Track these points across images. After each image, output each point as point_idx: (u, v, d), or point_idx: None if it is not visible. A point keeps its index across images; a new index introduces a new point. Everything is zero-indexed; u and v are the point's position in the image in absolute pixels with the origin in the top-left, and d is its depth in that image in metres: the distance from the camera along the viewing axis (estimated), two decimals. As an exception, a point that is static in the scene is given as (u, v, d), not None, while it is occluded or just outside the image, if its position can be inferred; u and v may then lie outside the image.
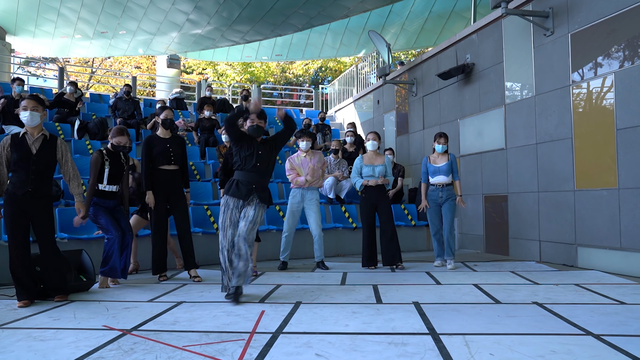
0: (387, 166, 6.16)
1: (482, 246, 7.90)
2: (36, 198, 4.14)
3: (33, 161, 4.12)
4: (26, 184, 4.09)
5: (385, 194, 6.16)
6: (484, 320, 3.39)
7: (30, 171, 4.11)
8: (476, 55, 8.10)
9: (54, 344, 2.95)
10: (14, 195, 4.08)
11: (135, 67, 26.98)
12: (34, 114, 4.16)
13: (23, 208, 4.11)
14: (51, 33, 15.37)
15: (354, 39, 17.78)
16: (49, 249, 4.28)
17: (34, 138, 4.18)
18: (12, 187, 4.10)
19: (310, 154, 6.17)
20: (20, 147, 4.13)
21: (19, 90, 8.39)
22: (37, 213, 4.16)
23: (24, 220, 4.14)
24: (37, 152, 4.16)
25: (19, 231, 4.11)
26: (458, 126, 8.52)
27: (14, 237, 4.10)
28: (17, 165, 4.11)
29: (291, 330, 3.20)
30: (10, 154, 4.13)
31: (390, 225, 6.06)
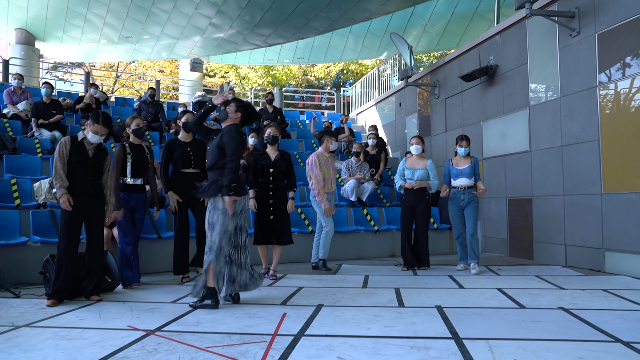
0: (429, 170, 6.19)
1: (506, 250, 7.79)
2: (93, 198, 4.37)
3: (89, 164, 4.37)
4: (85, 185, 4.31)
5: (424, 198, 6.20)
6: (508, 325, 3.34)
7: (87, 173, 4.34)
8: (499, 57, 8.00)
9: (80, 343, 3.00)
10: (73, 196, 4.26)
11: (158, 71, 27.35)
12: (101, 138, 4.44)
13: (81, 207, 4.29)
14: (78, 38, 15.69)
15: (376, 42, 17.72)
16: (97, 249, 4.46)
17: (91, 145, 4.43)
18: (72, 188, 4.28)
19: (331, 156, 6.22)
20: (80, 150, 4.35)
21: (45, 93, 8.57)
22: (92, 212, 4.39)
23: (79, 219, 4.33)
24: (93, 157, 4.41)
25: (74, 230, 4.29)
26: (481, 128, 8.42)
27: (69, 236, 4.25)
28: (75, 166, 4.31)
29: (313, 332, 3.20)
30: (69, 156, 4.31)
31: (422, 230, 6.19)
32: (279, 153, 5.71)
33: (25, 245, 5.39)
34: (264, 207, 5.57)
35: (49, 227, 5.74)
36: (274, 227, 5.57)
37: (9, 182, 6.35)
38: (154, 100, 10.44)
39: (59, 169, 4.27)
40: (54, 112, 8.46)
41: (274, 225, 5.57)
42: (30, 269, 5.13)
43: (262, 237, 5.60)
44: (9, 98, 8.95)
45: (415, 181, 6.14)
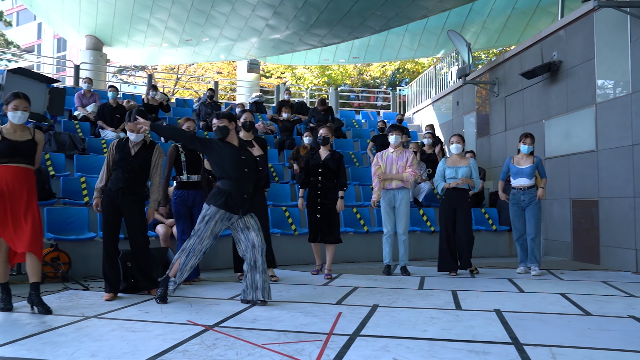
0: (472, 169, 5.92)
1: (570, 254, 7.46)
2: (128, 195, 4.46)
3: (129, 162, 4.48)
4: (121, 181, 4.44)
5: (466, 198, 5.93)
6: (572, 333, 3.20)
7: (126, 170, 4.46)
8: (564, 52, 7.68)
9: (144, 335, 3.12)
10: (109, 191, 4.45)
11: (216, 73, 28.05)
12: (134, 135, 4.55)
13: (116, 204, 4.45)
14: (142, 43, 16.35)
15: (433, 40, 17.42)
16: (139, 245, 4.58)
17: (135, 142, 4.56)
18: (109, 184, 4.47)
19: (398, 151, 5.98)
20: (123, 149, 4.53)
21: (111, 96, 8.98)
22: (128, 209, 4.49)
23: (116, 215, 4.48)
24: (135, 155, 4.52)
25: (111, 226, 4.45)
26: (543, 127, 8.11)
27: (107, 232, 4.45)
28: (117, 164, 4.50)
29: (368, 333, 3.19)
30: (114, 156, 4.53)
31: (465, 232, 5.86)
32: (330, 153, 5.72)
33: (93, 240, 5.67)
34: (312, 206, 5.62)
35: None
36: (321, 226, 5.61)
37: (79, 180, 6.70)
38: (213, 101, 10.71)
39: (101, 172, 4.55)
40: (118, 116, 8.85)
41: (320, 224, 5.61)
42: (97, 263, 5.34)
43: (312, 235, 5.70)
44: (79, 101, 9.43)
45: (461, 178, 5.84)
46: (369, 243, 7.16)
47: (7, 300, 3.86)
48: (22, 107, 3.94)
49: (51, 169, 6.94)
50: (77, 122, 8.97)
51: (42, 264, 4.97)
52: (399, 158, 5.92)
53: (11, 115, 3.92)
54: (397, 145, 5.96)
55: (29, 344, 2.93)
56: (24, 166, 3.91)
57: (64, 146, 7.70)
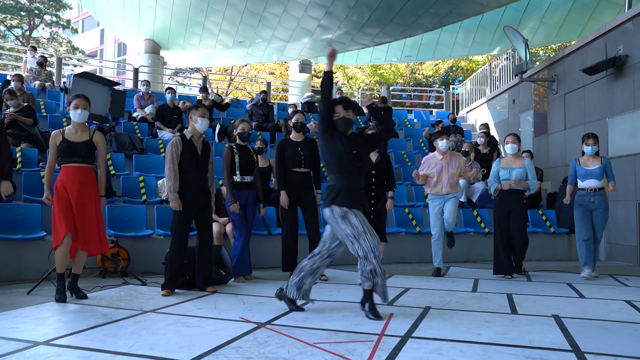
0: (528, 169, 5.71)
1: (636, 259, 7.08)
2: (204, 194, 4.63)
3: (200, 161, 4.61)
4: (197, 182, 4.58)
5: (520, 199, 5.73)
6: (639, 343, 3.03)
7: (199, 170, 4.59)
8: (630, 46, 7.29)
9: (198, 330, 3.20)
10: (190, 193, 4.55)
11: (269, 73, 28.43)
12: (206, 121, 4.65)
13: (192, 204, 4.57)
14: (197, 45, 16.80)
15: (488, 36, 16.96)
16: (209, 242, 4.73)
17: (198, 141, 4.67)
18: (187, 186, 4.55)
19: (448, 157, 5.88)
20: (190, 148, 4.60)
21: (170, 98, 9.27)
22: (203, 209, 4.65)
23: (191, 216, 4.63)
24: (202, 154, 4.65)
25: (185, 226, 4.59)
26: (606, 125, 7.74)
27: (181, 230, 4.56)
28: (188, 165, 4.56)
29: (420, 335, 3.14)
30: (182, 155, 4.56)
31: (520, 234, 5.70)
32: (380, 155, 5.73)
33: (151, 237, 5.87)
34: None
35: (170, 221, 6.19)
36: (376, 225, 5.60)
37: (137, 179, 6.95)
38: (265, 102, 10.86)
39: (171, 171, 4.48)
40: (175, 117, 9.12)
41: (376, 224, 5.59)
42: (154, 259, 5.58)
43: None
44: (138, 102, 9.80)
45: (513, 179, 5.64)
46: (420, 244, 7.06)
47: (62, 291, 4.06)
48: (82, 105, 4.18)
49: (112, 169, 7.23)
50: (135, 123, 9.31)
51: (104, 259, 5.24)
52: (449, 165, 5.84)
53: (72, 114, 4.17)
54: (445, 151, 5.87)
55: (92, 334, 3.07)
56: (82, 165, 4.13)
57: (124, 146, 8.02)
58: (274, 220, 6.74)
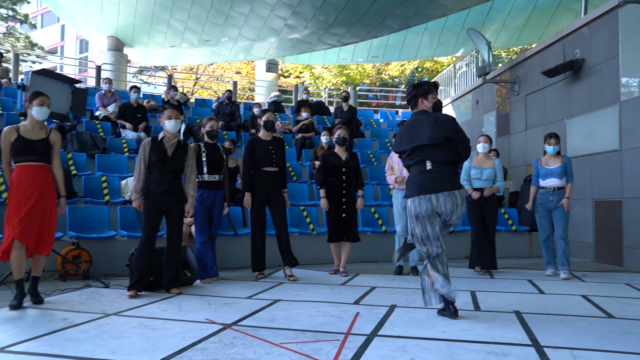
0: (497, 170, 5.91)
1: (592, 255, 7.33)
2: (172, 196, 4.56)
3: (169, 163, 4.55)
4: (164, 183, 4.52)
5: (492, 197, 5.96)
6: (594, 335, 3.15)
7: (166, 172, 4.54)
8: (587, 50, 7.55)
9: (163, 333, 3.15)
10: (152, 194, 4.52)
11: (235, 73, 28.22)
12: (177, 122, 4.63)
13: (160, 206, 4.53)
14: (162, 43, 16.54)
15: (452, 38, 17.28)
16: (179, 243, 4.69)
17: (170, 143, 4.62)
18: (151, 187, 4.53)
19: None
20: (159, 149, 4.56)
21: (135, 97, 9.10)
22: (172, 210, 4.59)
23: (159, 217, 4.58)
24: (172, 155, 4.59)
25: (153, 227, 4.54)
26: (565, 126, 7.98)
27: (147, 231, 4.51)
28: (154, 166, 4.54)
29: (386, 333, 3.18)
30: (150, 156, 4.55)
31: (492, 231, 5.96)
32: (349, 154, 5.79)
33: (114, 239, 5.75)
34: (336, 206, 5.67)
35: (135, 222, 6.08)
36: (347, 225, 5.68)
37: (100, 179, 6.80)
38: (231, 101, 10.78)
39: (135, 172, 4.56)
40: (139, 116, 8.95)
41: (346, 223, 5.67)
42: (118, 261, 5.47)
43: (334, 235, 5.72)
44: (100, 101, 9.57)
45: (485, 189, 5.86)
46: (386, 243, 7.12)
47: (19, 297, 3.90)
48: (47, 103, 4.09)
49: (73, 168, 7.05)
50: (98, 122, 9.10)
51: (64, 262, 5.10)
52: None
53: (37, 111, 4.04)
54: None
55: (51, 340, 2.99)
56: (39, 164, 4.01)
57: (86, 146, 7.83)
58: (240, 221, 6.70)
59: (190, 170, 4.74)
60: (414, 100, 3.74)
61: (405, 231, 5.96)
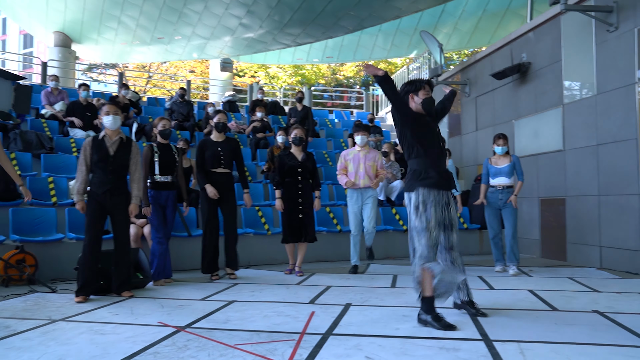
0: (449, 168, 6.02)
1: (538, 251, 7.63)
2: (115, 195, 4.41)
3: (110, 162, 4.40)
4: (106, 183, 4.36)
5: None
6: (540, 328, 3.27)
7: (108, 171, 4.39)
8: (532, 54, 7.84)
9: (114, 338, 3.07)
10: (94, 194, 4.37)
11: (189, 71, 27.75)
12: (116, 118, 4.48)
13: (103, 206, 4.38)
14: (112, 40, 16.05)
15: (406, 40, 17.58)
16: (125, 245, 4.55)
17: (112, 141, 4.46)
18: (93, 187, 4.39)
19: (365, 151, 6.02)
20: (100, 149, 4.40)
21: (85, 95, 8.79)
22: (115, 210, 4.44)
23: (102, 218, 4.43)
24: (115, 154, 4.43)
25: (96, 228, 4.39)
26: (513, 127, 8.27)
27: (90, 233, 4.36)
28: (96, 165, 4.39)
29: (341, 332, 3.20)
30: (91, 156, 4.39)
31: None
32: (305, 154, 5.79)
33: (61, 242, 5.54)
34: (292, 207, 5.66)
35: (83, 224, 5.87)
36: (304, 226, 5.68)
37: (47, 180, 6.54)
38: (185, 100, 10.59)
39: (77, 173, 4.41)
40: (89, 114, 8.67)
41: (303, 224, 5.67)
42: (66, 265, 5.27)
43: (291, 236, 5.70)
44: (47, 99, 9.20)
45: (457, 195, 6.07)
46: (341, 242, 7.18)
47: None
48: None
49: (17, 169, 6.75)
50: (44, 121, 8.75)
51: (7, 266, 4.88)
52: (366, 157, 5.96)
53: None
54: (363, 145, 6.00)
55: (-7, 348, 2.86)
56: None
57: (31, 145, 7.50)
58: (194, 222, 6.60)
59: (135, 168, 4.59)
60: (405, 97, 3.65)
61: (360, 231, 6.03)
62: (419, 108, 3.57)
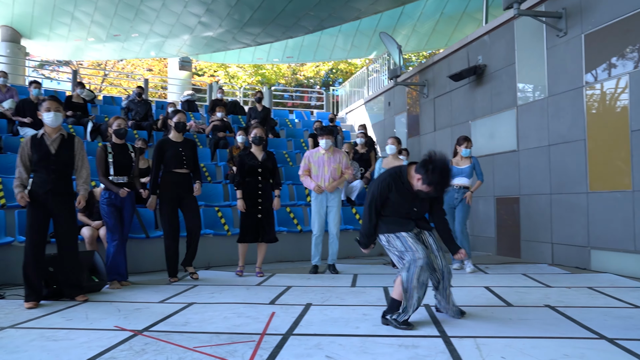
0: None
1: (494, 248, 7.84)
2: (58, 196, 4.23)
3: (52, 161, 4.21)
4: (47, 183, 4.18)
5: None
6: (495, 323, 3.37)
7: (50, 170, 4.20)
8: (488, 57, 8.05)
9: (67, 344, 2.97)
10: (36, 195, 4.17)
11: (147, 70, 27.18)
12: (57, 115, 4.27)
13: (45, 207, 4.19)
14: (65, 36, 15.54)
15: (365, 41, 17.75)
16: (70, 248, 4.37)
17: (52, 138, 4.27)
18: (34, 187, 4.18)
19: (330, 153, 6.01)
20: (40, 147, 4.21)
21: (36, 93, 8.48)
22: (59, 211, 4.26)
23: (44, 219, 4.23)
24: (56, 152, 4.25)
25: (38, 230, 4.19)
26: (469, 128, 8.47)
27: (32, 236, 4.17)
28: (37, 165, 4.20)
29: (301, 332, 3.20)
30: (31, 155, 4.20)
31: None
32: (265, 153, 5.76)
33: (11, 245, 5.33)
34: (251, 206, 5.61)
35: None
36: (262, 226, 5.63)
37: (-5, 181, 6.27)
38: (142, 99, 10.37)
39: (17, 171, 4.19)
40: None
41: (262, 224, 5.63)
42: (15, 269, 5.05)
43: (249, 236, 5.65)
44: (-6, 96, 8.84)
45: None
46: (302, 242, 7.19)
47: None
48: None
49: (-37, 170, 6.45)
50: (-8, 119, 8.40)
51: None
52: (330, 160, 5.98)
53: None
54: (327, 148, 6.03)
55: (-64, 358, 2.72)
56: None
57: (-23, 145, 7.20)
58: (151, 223, 6.47)
59: (81, 164, 4.42)
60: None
61: (322, 232, 6.05)
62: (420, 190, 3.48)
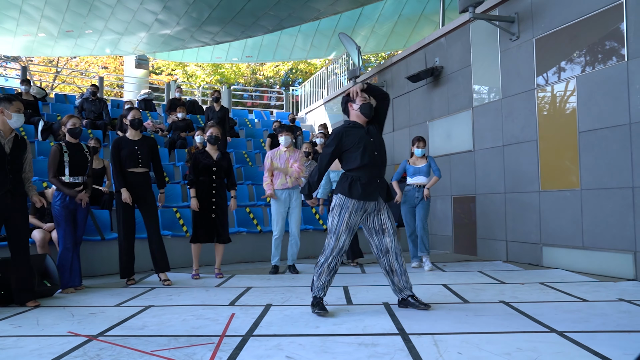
0: None
1: (451, 247, 8.01)
2: (15, 197, 4.10)
3: (8, 161, 4.08)
4: (5, 184, 4.03)
5: None
6: (452, 320, 3.44)
7: (7, 171, 4.06)
8: (445, 59, 8.22)
9: (15, 352, 2.86)
10: None
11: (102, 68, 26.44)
12: (21, 116, 4.18)
13: (2, 209, 4.04)
14: (13, 31, 14.91)
15: (325, 41, 17.80)
16: (22, 251, 4.21)
17: (6, 138, 4.13)
18: None
19: (290, 151, 6.06)
20: None
21: (-20, 90, 8.14)
22: (14, 213, 4.12)
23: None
24: (11, 152, 4.12)
25: None
26: (427, 128, 8.63)
27: None
28: None
29: (261, 332, 3.19)
30: None
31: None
32: (220, 153, 5.70)
33: (-44, 249, 5.09)
34: (206, 206, 5.54)
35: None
36: (216, 226, 5.57)
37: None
38: (97, 97, 10.09)
39: None
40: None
41: (216, 224, 5.57)
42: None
43: (203, 235, 5.58)
44: (-63, 93, 8.41)
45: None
46: (262, 243, 7.15)
47: None
48: None
49: None
50: None
51: None
52: (291, 157, 6.02)
53: None
54: (288, 145, 6.03)
55: None
56: None
57: None
58: (107, 225, 6.30)
59: (29, 167, 4.31)
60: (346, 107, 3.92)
61: (282, 233, 6.02)
62: (359, 114, 3.82)
